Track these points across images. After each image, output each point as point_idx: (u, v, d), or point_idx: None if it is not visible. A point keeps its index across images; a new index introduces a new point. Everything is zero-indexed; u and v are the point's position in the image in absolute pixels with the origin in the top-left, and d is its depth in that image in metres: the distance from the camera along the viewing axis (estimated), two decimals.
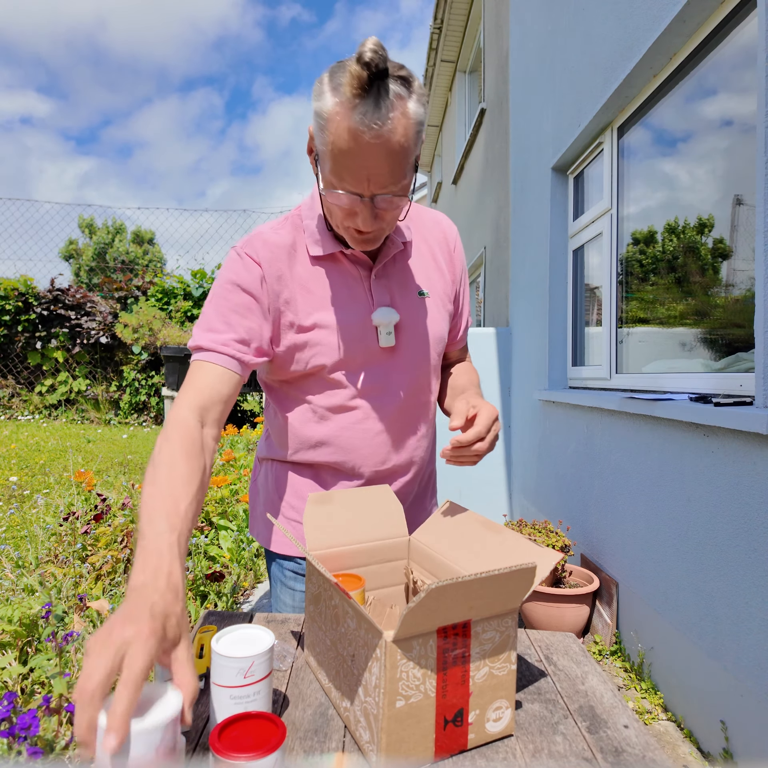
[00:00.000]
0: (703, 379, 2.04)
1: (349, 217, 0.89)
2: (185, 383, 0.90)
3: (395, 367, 1.05)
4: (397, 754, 0.66)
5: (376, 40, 0.76)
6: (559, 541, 2.60)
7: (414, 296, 1.06)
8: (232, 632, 0.76)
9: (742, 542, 1.64)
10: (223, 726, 0.58)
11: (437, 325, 1.09)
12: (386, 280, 1.04)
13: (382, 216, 0.89)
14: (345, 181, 0.84)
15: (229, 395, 0.91)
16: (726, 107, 2.00)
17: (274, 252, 0.98)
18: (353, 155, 0.81)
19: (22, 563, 2.55)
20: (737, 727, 1.66)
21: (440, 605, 0.63)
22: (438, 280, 1.10)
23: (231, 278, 0.96)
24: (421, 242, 1.10)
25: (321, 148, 0.86)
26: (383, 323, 1.01)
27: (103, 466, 5.65)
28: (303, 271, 0.99)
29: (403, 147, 0.83)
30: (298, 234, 1.01)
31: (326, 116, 0.82)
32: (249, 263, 0.97)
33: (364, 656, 0.69)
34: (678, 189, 2.35)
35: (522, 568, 0.66)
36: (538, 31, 3.74)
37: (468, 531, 0.91)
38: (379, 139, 0.80)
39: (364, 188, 0.84)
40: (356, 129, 0.79)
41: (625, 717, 0.80)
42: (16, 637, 1.79)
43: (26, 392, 9.72)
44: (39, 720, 1.28)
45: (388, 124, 0.80)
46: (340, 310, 1.00)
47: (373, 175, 0.83)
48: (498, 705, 0.73)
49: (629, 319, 2.72)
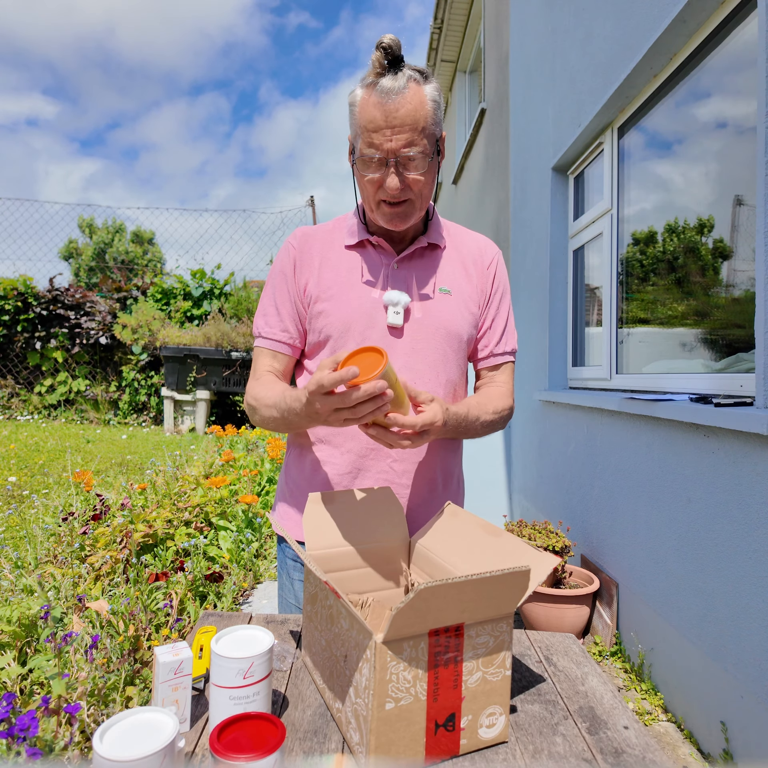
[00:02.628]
0: (704, 379, 2.03)
1: (379, 188, 1.00)
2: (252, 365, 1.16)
3: (399, 346, 1.08)
4: (386, 757, 0.65)
5: (393, 35, 0.94)
6: (559, 541, 2.60)
7: (432, 290, 1.12)
8: (232, 633, 0.76)
9: (742, 543, 1.63)
10: (222, 727, 0.57)
11: (455, 322, 1.11)
12: (407, 272, 1.11)
13: (408, 182, 0.99)
14: (372, 148, 0.97)
15: (282, 370, 1.15)
16: (726, 108, 2.00)
17: (308, 240, 1.14)
18: (377, 122, 0.95)
19: (21, 563, 2.55)
20: (737, 728, 1.66)
21: (431, 606, 0.63)
22: (465, 284, 1.14)
23: (277, 268, 1.15)
24: (453, 251, 1.17)
25: (353, 132, 1.01)
26: (392, 302, 1.07)
27: (102, 466, 5.64)
28: (333, 256, 1.13)
29: (419, 113, 0.96)
30: (339, 229, 1.16)
31: (356, 102, 0.99)
32: (289, 249, 1.14)
33: (355, 657, 0.69)
34: (678, 189, 2.35)
35: (515, 571, 0.65)
36: (538, 31, 3.74)
37: (468, 534, 0.90)
38: (397, 104, 0.94)
39: (388, 150, 0.96)
40: (377, 100, 0.95)
41: (625, 718, 0.80)
42: (15, 637, 1.78)
43: (25, 392, 9.71)
44: (38, 721, 1.27)
45: (405, 92, 0.95)
46: (356, 287, 1.09)
47: (394, 137, 0.95)
48: (491, 711, 0.72)
49: (629, 319, 2.72)
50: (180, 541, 2.78)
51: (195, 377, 8.59)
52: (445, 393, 1.12)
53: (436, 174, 1.05)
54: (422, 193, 1.03)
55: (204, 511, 3.23)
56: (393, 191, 0.99)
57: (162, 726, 0.57)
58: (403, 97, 0.95)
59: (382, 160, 0.98)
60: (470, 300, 1.14)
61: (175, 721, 0.58)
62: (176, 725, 0.57)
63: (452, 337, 1.11)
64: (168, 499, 3.38)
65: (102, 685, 1.56)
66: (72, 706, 1.24)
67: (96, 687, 1.55)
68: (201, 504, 3.25)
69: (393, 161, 0.97)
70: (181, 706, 0.74)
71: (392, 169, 0.98)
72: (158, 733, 0.56)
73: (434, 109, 0.99)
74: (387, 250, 1.12)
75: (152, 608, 2.07)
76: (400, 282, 1.10)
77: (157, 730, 0.56)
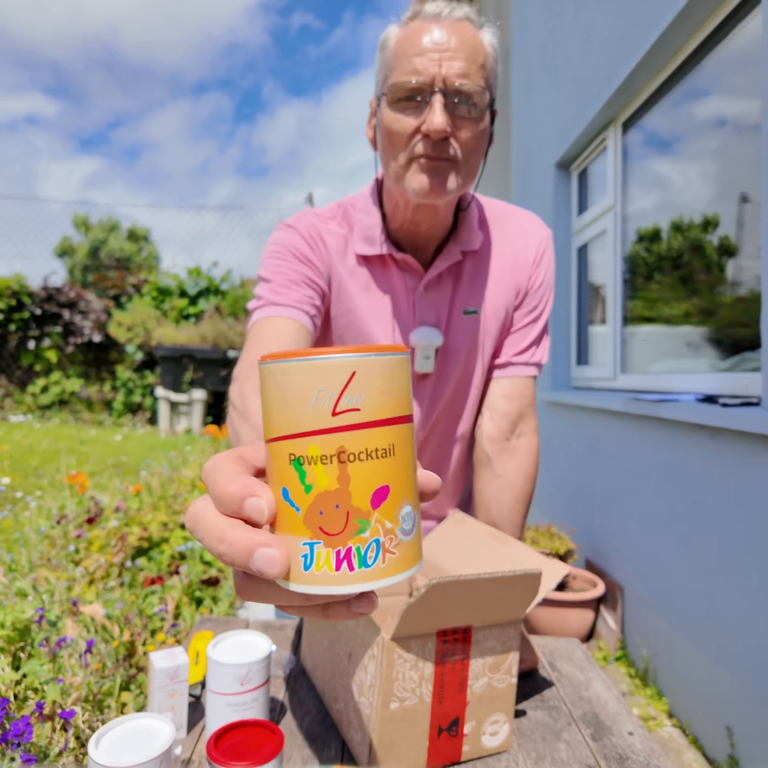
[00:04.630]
0: (709, 379, 2.01)
1: (415, 137, 0.74)
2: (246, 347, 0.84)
3: (429, 395, 0.91)
4: (388, 758, 0.64)
5: None
6: (563, 545, 2.57)
7: (462, 314, 0.90)
8: (229, 638, 0.75)
9: (748, 546, 1.61)
10: (219, 734, 0.56)
11: (485, 352, 0.92)
12: (437, 294, 0.89)
13: (457, 131, 0.74)
14: (417, 74, 0.71)
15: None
16: (730, 105, 1.98)
17: (324, 237, 0.86)
18: (420, 46, 0.71)
19: (14, 567, 2.51)
20: (743, 734, 1.64)
21: (441, 604, 0.62)
22: (503, 294, 0.93)
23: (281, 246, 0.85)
24: (493, 247, 0.92)
25: (382, 76, 0.76)
26: (422, 345, 0.87)
27: (97, 467, 5.60)
28: (347, 270, 0.86)
29: (478, 48, 0.73)
30: (347, 225, 0.89)
31: (389, 39, 0.76)
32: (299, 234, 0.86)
33: (360, 655, 0.68)
34: (682, 186, 2.33)
35: (526, 574, 0.64)
36: (539, 27, 3.74)
37: (475, 541, 0.88)
38: (449, 28, 0.72)
39: (435, 75, 0.71)
40: (421, 25, 0.72)
41: (630, 723, 0.79)
42: (9, 642, 1.75)
43: (19, 393, 9.66)
44: (32, 726, 1.25)
45: (460, 23, 0.73)
46: (376, 325, 0.87)
47: (445, 62, 0.71)
48: (495, 718, 0.70)
49: (634, 318, 2.70)
50: (176, 545, 2.75)
51: (191, 377, 8.56)
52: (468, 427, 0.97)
53: (486, 144, 0.80)
54: (470, 160, 0.77)
55: None
56: (437, 130, 0.71)
57: (158, 733, 0.56)
58: (457, 23, 0.72)
59: (426, 89, 0.72)
60: (507, 312, 0.93)
61: (172, 727, 0.56)
62: (172, 732, 0.56)
63: (484, 372, 0.93)
64: (163, 501, 3.35)
65: (97, 691, 1.53)
66: (67, 711, 1.22)
67: (91, 692, 1.52)
68: None
69: (440, 92, 0.71)
70: (178, 713, 0.73)
71: (438, 104, 0.71)
72: (154, 740, 0.55)
73: (494, 60, 0.76)
74: (413, 269, 0.87)
75: (147, 613, 2.04)
76: (429, 310, 0.88)
77: (153, 736, 0.56)
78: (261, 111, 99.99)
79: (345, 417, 0.27)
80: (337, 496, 0.27)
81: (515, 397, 0.94)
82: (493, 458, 0.93)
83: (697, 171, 2.23)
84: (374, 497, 0.28)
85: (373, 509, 0.28)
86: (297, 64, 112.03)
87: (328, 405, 0.27)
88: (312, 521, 0.28)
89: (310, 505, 0.28)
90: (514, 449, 0.94)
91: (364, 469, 0.28)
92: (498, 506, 0.91)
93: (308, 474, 0.28)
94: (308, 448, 0.27)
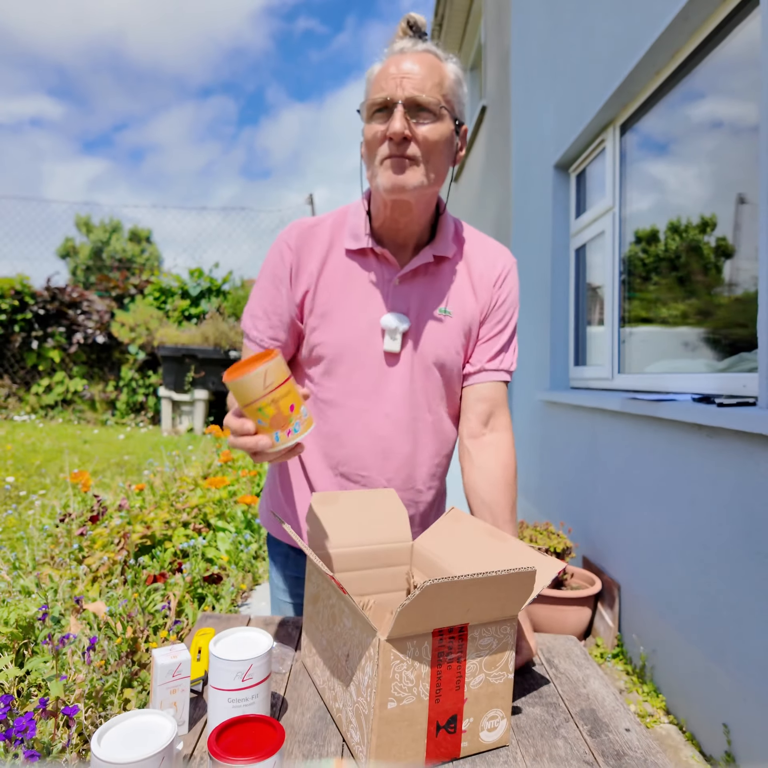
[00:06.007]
0: (707, 379, 2.02)
1: (383, 143, 0.92)
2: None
3: (394, 374, 1.02)
4: (387, 757, 0.65)
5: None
6: (560, 543, 2.58)
7: (434, 311, 1.03)
8: (230, 635, 0.75)
9: (745, 544, 1.62)
10: (221, 729, 0.57)
11: (454, 349, 1.04)
12: (409, 289, 1.03)
13: (415, 135, 0.91)
14: (382, 91, 0.91)
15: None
16: (728, 106, 1.99)
17: (307, 242, 1.03)
18: (388, 72, 0.92)
19: (18, 565, 2.53)
20: (740, 731, 1.65)
21: (436, 604, 0.62)
22: (469, 303, 1.06)
23: (268, 268, 1.04)
24: (462, 262, 1.07)
25: (365, 98, 0.96)
26: (390, 328, 1.00)
27: (100, 467, 5.62)
28: (332, 262, 1.03)
29: (436, 71, 0.91)
30: (339, 227, 1.05)
31: (372, 73, 0.95)
32: (284, 250, 1.03)
33: (358, 655, 0.69)
34: (680, 187, 2.34)
35: (520, 572, 0.65)
36: (539, 28, 3.74)
37: (472, 538, 0.89)
38: (413, 59, 0.91)
39: (398, 91, 0.90)
40: (392, 58, 0.92)
41: (627, 720, 0.80)
42: (13, 639, 1.77)
43: (23, 392, 9.68)
44: (36, 723, 1.26)
45: (424, 54, 0.92)
46: (354, 306, 1.01)
47: (406, 77, 0.90)
48: (493, 714, 0.71)
49: (632, 318, 2.71)
50: (178, 543, 2.77)
51: (193, 377, 8.57)
52: (433, 420, 1.06)
53: (451, 151, 0.97)
54: (430, 159, 0.93)
55: (202, 512, 3.22)
56: (396, 132, 0.88)
57: (160, 729, 0.56)
58: (421, 54, 0.91)
59: (390, 103, 0.90)
60: (473, 321, 1.06)
61: (174, 723, 0.57)
62: (174, 728, 0.56)
63: (451, 365, 1.05)
64: (166, 500, 3.36)
65: (100, 688, 1.55)
66: (70, 708, 1.23)
67: (94, 689, 1.54)
68: (199, 505, 3.23)
69: (400, 104, 0.89)
70: (180, 709, 0.73)
71: (399, 113, 0.89)
72: (156, 736, 0.55)
73: (456, 83, 0.94)
74: (391, 263, 1.02)
75: (150, 610, 2.06)
76: (401, 301, 1.02)
77: (155, 732, 0.56)
78: (264, 114, 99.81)
79: (269, 388, 0.70)
80: (278, 414, 0.72)
81: (487, 399, 1.07)
82: (472, 452, 1.06)
83: (694, 173, 2.24)
84: (290, 409, 0.73)
85: (291, 413, 0.73)
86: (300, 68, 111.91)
87: (263, 386, 0.70)
88: (273, 425, 0.72)
89: (269, 421, 0.72)
90: (489, 443, 1.06)
91: (282, 402, 0.72)
92: (482, 492, 1.03)
93: (264, 411, 0.71)
94: (262, 402, 0.71)
